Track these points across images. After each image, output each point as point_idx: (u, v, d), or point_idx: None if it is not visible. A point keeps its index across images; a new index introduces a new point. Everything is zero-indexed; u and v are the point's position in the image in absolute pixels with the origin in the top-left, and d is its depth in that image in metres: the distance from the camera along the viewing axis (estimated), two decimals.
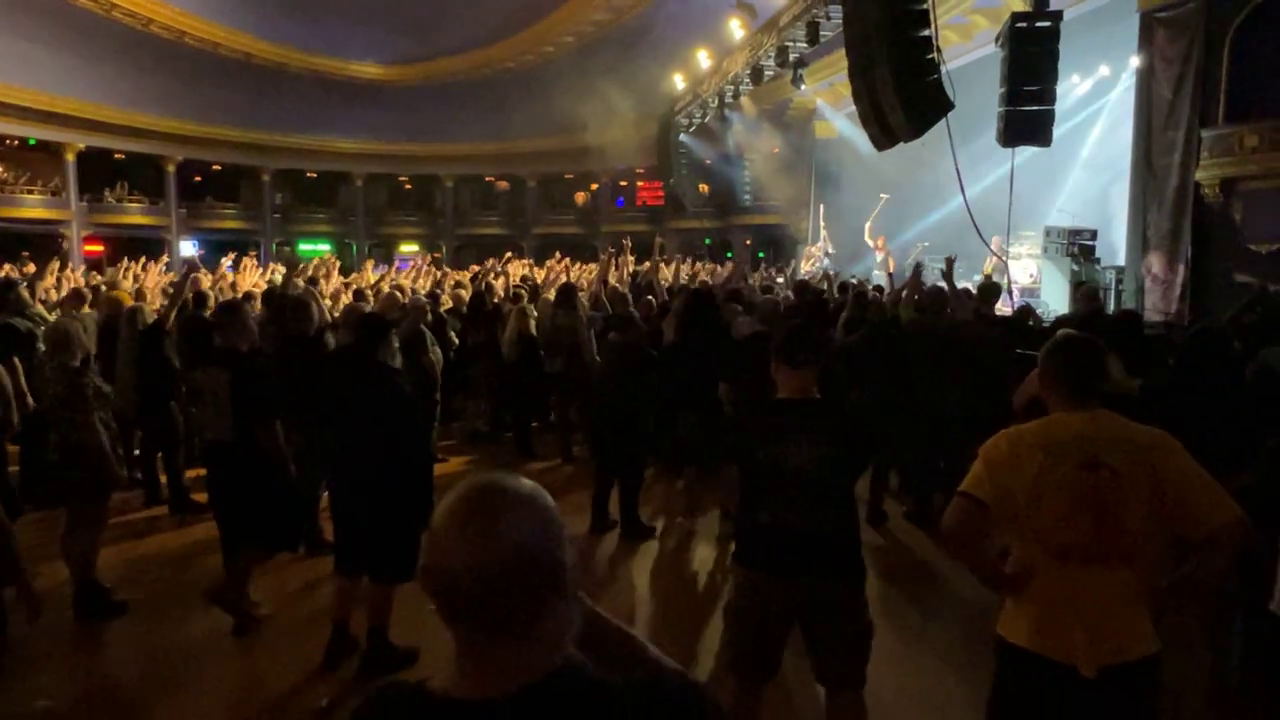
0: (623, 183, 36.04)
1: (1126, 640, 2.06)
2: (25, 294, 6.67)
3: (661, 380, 5.73)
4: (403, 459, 3.78)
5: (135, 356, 6.00)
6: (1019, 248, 15.80)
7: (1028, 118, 10.81)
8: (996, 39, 11.41)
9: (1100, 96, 17.35)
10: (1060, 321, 6.55)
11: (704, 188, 33.32)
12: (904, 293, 6.86)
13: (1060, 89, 16.84)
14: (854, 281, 11.27)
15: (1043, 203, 16.81)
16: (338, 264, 12.24)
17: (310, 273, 10.33)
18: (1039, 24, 10.70)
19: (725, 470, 2.90)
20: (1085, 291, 7.45)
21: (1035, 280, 15.07)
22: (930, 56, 9.81)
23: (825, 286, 10.32)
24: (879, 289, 10.11)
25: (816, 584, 2.62)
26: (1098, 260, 13.07)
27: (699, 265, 15.70)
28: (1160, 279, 11.61)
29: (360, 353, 4.07)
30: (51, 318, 6.61)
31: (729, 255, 29.23)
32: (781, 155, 24.43)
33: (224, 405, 4.11)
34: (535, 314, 8.42)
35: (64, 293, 8.21)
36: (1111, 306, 12.37)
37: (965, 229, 11.93)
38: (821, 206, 20.84)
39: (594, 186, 36.44)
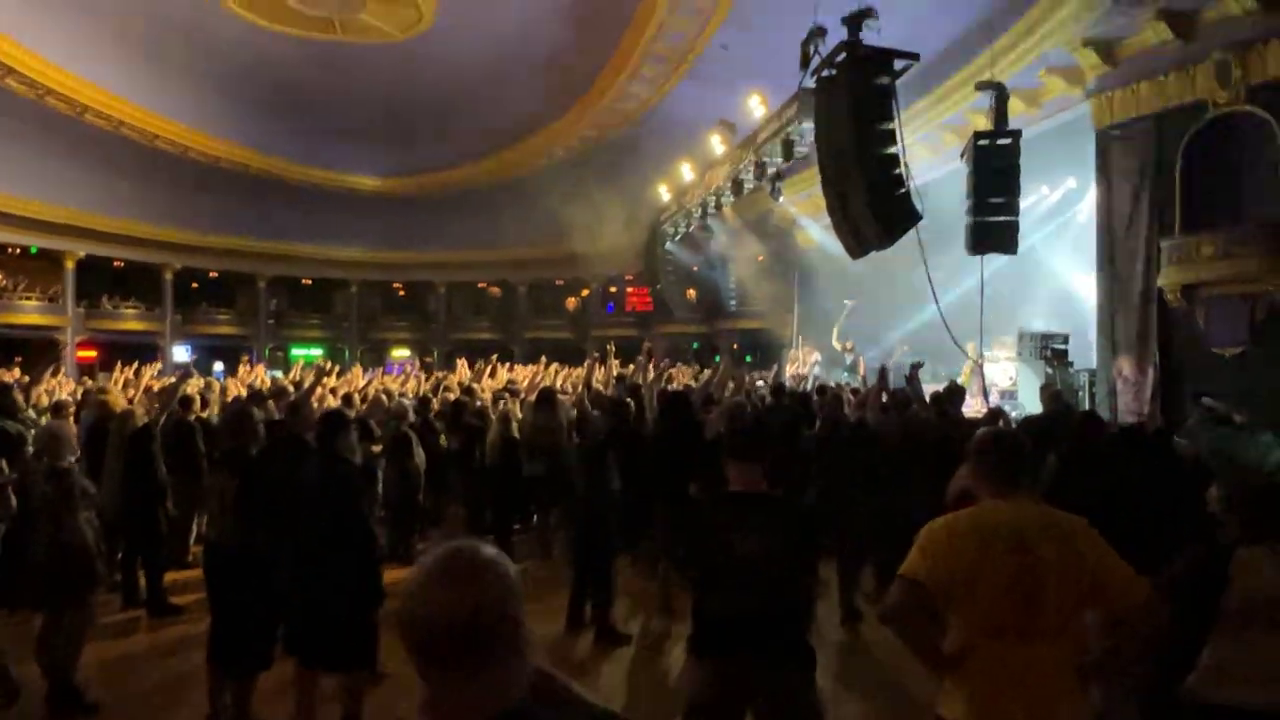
0: (612, 288, 36.83)
1: (1062, 716, 2.18)
2: (19, 398, 6.84)
3: (637, 474, 5.89)
4: (349, 543, 3.92)
5: (123, 460, 6.12)
6: (998, 351, 16.17)
7: (993, 228, 11.32)
8: (962, 154, 12.06)
9: (1071, 205, 18.07)
10: (1026, 422, 6.75)
11: (691, 293, 34.10)
12: (870, 395, 7.09)
13: (1032, 199, 17.82)
14: (833, 385, 11.52)
15: (1025, 306, 17.33)
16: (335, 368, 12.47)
17: (296, 377, 10.54)
18: (1000, 141, 11.35)
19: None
20: (1049, 394, 7.70)
21: (1014, 383, 15.38)
22: (897, 171, 10.31)
23: (805, 389, 10.56)
24: (855, 391, 10.36)
25: (767, 671, 2.72)
26: (1071, 363, 13.42)
27: (677, 368, 15.95)
28: (1131, 381, 11.89)
29: (318, 445, 4.26)
30: (42, 422, 6.76)
31: (716, 359, 29.63)
32: (765, 262, 25.14)
33: (229, 508, 4.23)
34: (518, 417, 8.59)
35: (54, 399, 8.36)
36: (1086, 408, 12.65)
37: (945, 332, 12.31)
38: (796, 310, 21.40)
39: (584, 292, 37.19)
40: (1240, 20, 10.46)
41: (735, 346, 31.84)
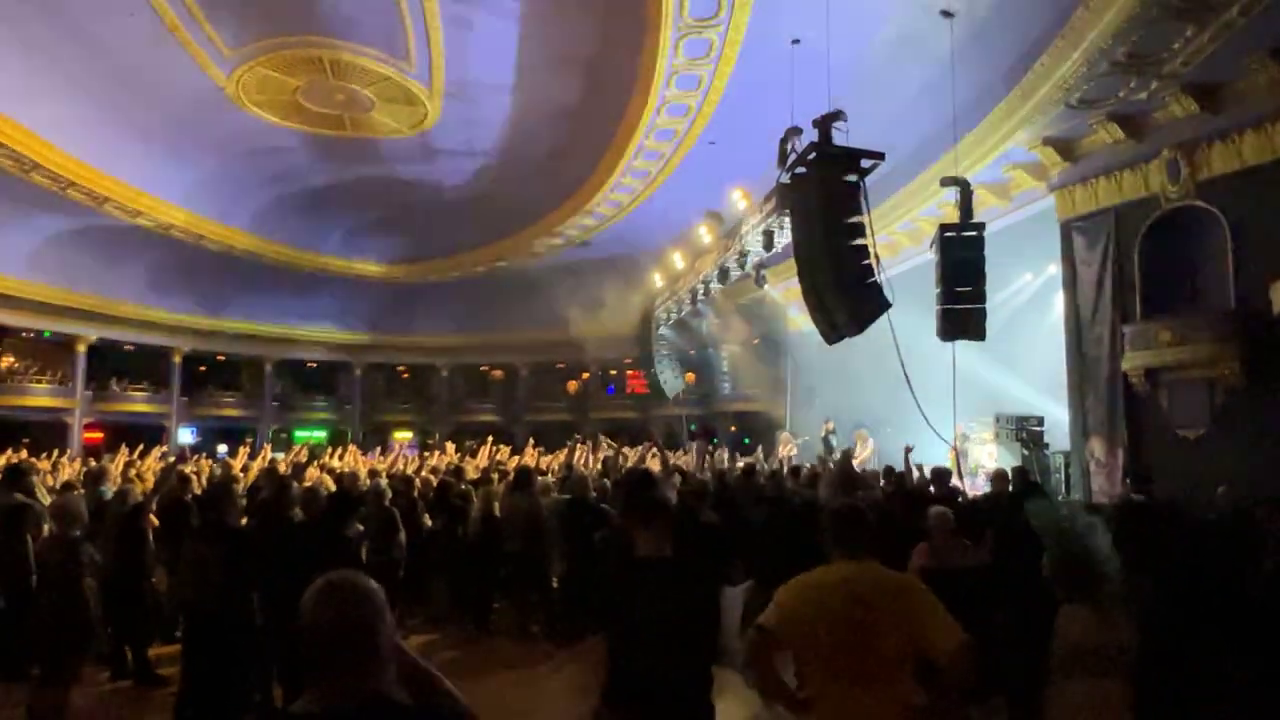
0: (612, 371, 37.39)
1: None
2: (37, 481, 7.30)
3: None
4: None
5: (116, 533, 6.52)
6: (983, 432, 16.54)
7: (962, 315, 11.83)
8: (930, 245, 12.66)
9: (1054, 290, 18.61)
10: (973, 502, 7.11)
11: (690, 377, 34.64)
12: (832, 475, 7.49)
13: (1017, 285, 18.42)
14: (805, 466, 11.90)
15: (1013, 388, 17.70)
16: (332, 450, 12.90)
17: (296, 458, 10.97)
18: (965, 233, 11.97)
19: None
20: (995, 474, 8.08)
21: (996, 462, 15.67)
22: (867, 262, 10.89)
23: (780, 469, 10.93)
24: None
25: (670, 715, 3.05)
26: (1046, 445, 13.75)
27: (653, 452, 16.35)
28: (1102, 463, 12.23)
29: (328, 525, 4.66)
30: (47, 500, 7.18)
31: (714, 440, 29.97)
32: (758, 346, 25.77)
33: (212, 576, 4.61)
34: (499, 496, 8.97)
35: (60, 479, 8.81)
36: (1063, 491, 12.96)
37: (936, 413, 12.70)
38: (789, 392, 21.86)
39: (584, 375, 37.73)
40: (1185, 121, 11.19)
41: (733, 429, 32.20)
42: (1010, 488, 7.92)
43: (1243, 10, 8.90)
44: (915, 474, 9.22)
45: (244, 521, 6.15)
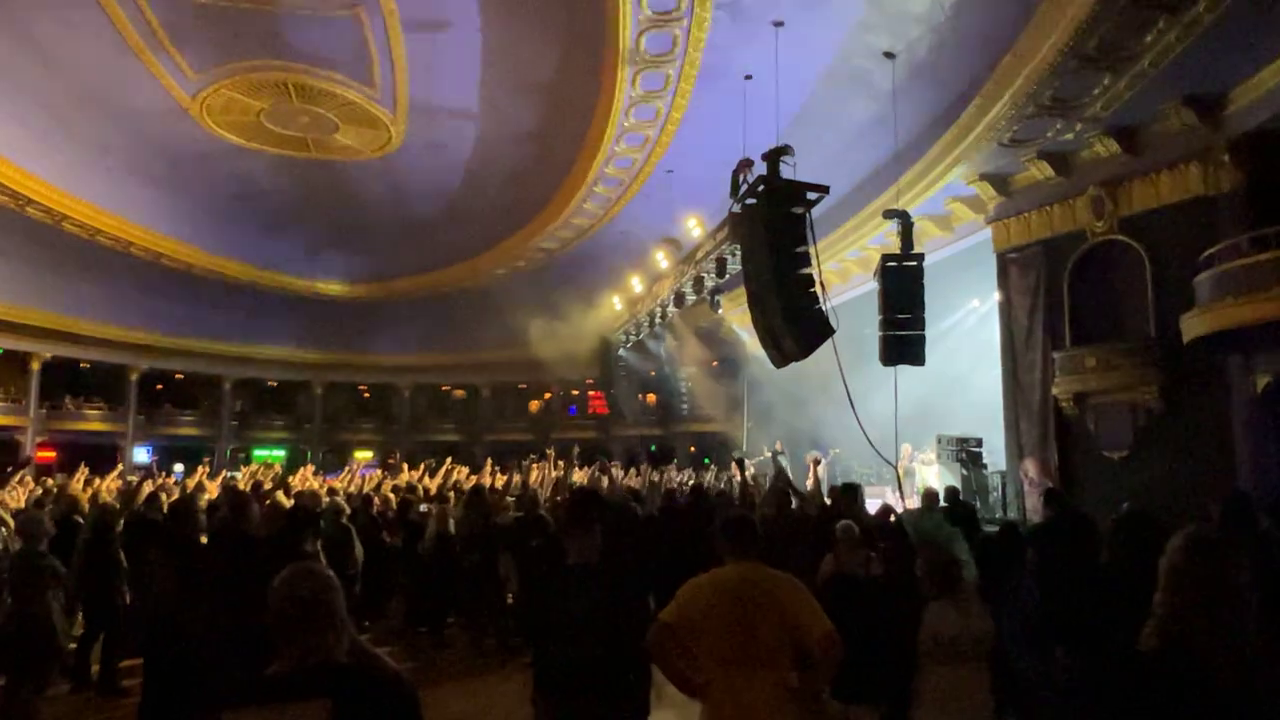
0: (574, 391, 37.71)
1: None
2: None
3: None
4: None
5: (86, 546, 6.73)
6: (930, 454, 17.12)
7: (902, 341, 12.40)
8: (874, 274, 13.26)
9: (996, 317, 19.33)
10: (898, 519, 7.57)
11: (651, 398, 35.16)
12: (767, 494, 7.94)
13: (963, 310, 19.11)
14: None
15: (958, 412, 18.32)
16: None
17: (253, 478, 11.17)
18: (905, 263, 12.56)
19: None
20: (926, 493, 8.57)
21: (940, 482, 16.25)
22: (812, 290, 11.40)
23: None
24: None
25: (593, 705, 3.43)
26: (985, 465, 14.35)
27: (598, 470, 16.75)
28: (1036, 482, 12.80)
29: (285, 540, 4.97)
30: (8, 518, 7.36)
31: (674, 460, 30.44)
32: (717, 368, 26.33)
33: (172, 588, 4.90)
34: (454, 514, 9.26)
35: (22, 497, 8.97)
36: (1000, 510, 13.53)
37: (880, 436, 13.25)
38: (746, 413, 22.39)
39: (546, 395, 38.04)
40: (1108, 161, 11.93)
41: (691, 449, 32.68)
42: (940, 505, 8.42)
43: (1153, 62, 9.61)
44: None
45: (203, 539, 6.40)
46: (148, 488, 8.77)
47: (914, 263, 12.46)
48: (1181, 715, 1.84)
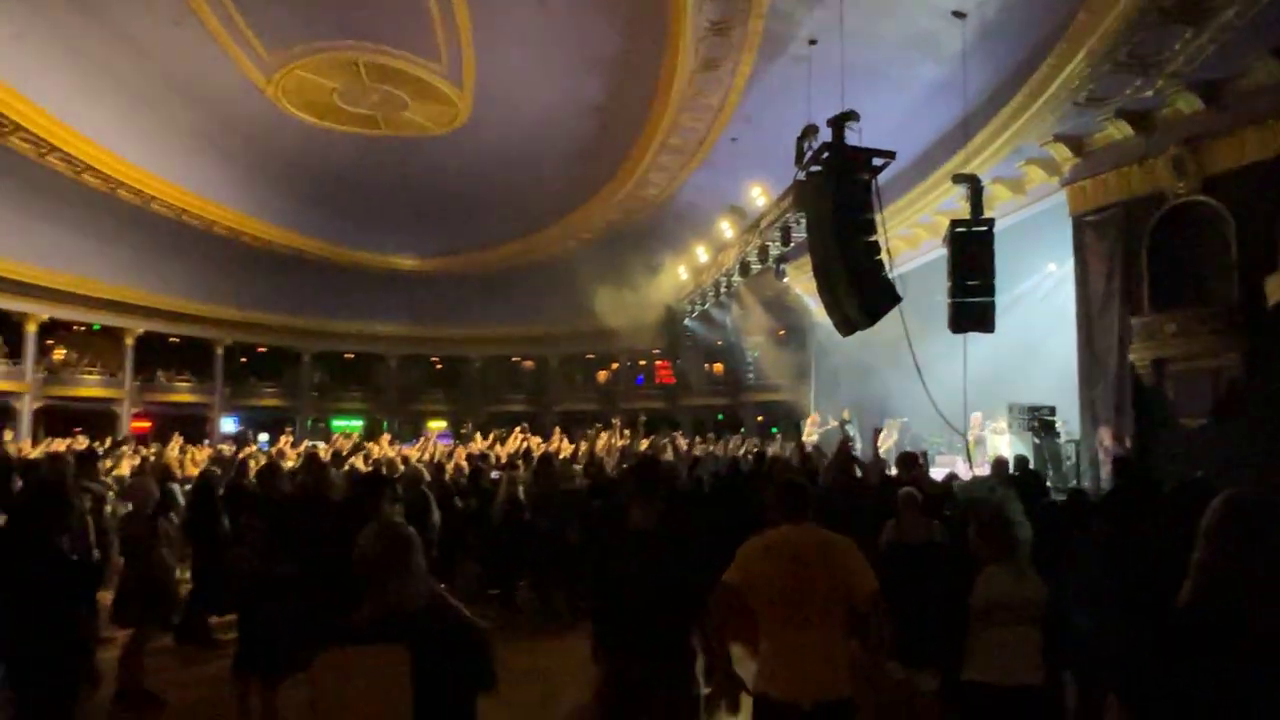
0: (642, 362, 37.96)
1: (829, 683, 3.06)
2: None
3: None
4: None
5: (190, 510, 7.22)
6: (1002, 422, 16.82)
7: (971, 308, 12.20)
8: (942, 240, 13.03)
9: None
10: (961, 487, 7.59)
11: (718, 368, 35.21)
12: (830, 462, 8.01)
13: (1038, 275, 18.60)
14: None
15: (1033, 379, 17.92)
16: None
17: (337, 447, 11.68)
18: (974, 228, 12.32)
19: None
20: (996, 461, 8.51)
21: (1010, 451, 15.96)
22: (878, 257, 11.30)
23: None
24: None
25: (651, 661, 3.60)
26: (1058, 434, 14.05)
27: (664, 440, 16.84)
28: (1110, 451, 12.52)
29: (362, 504, 5.26)
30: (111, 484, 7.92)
31: (742, 430, 30.51)
32: (783, 336, 26.22)
33: (262, 547, 5.26)
34: (524, 481, 9.55)
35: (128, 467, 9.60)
36: (1074, 479, 13.26)
37: (950, 405, 13.13)
38: (814, 382, 22.32)
39: (614, 366, 38.40)
40: (1190, 118, 11.44)
41: (759, 419, 32.67)
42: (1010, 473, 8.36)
43: (1239, 13, 9.19)
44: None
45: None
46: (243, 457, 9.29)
47: (983, 228, 12.23)
48: (1215, 668, 1.90)
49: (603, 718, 3.75)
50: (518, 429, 17.51)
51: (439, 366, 40.51)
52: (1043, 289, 18.70)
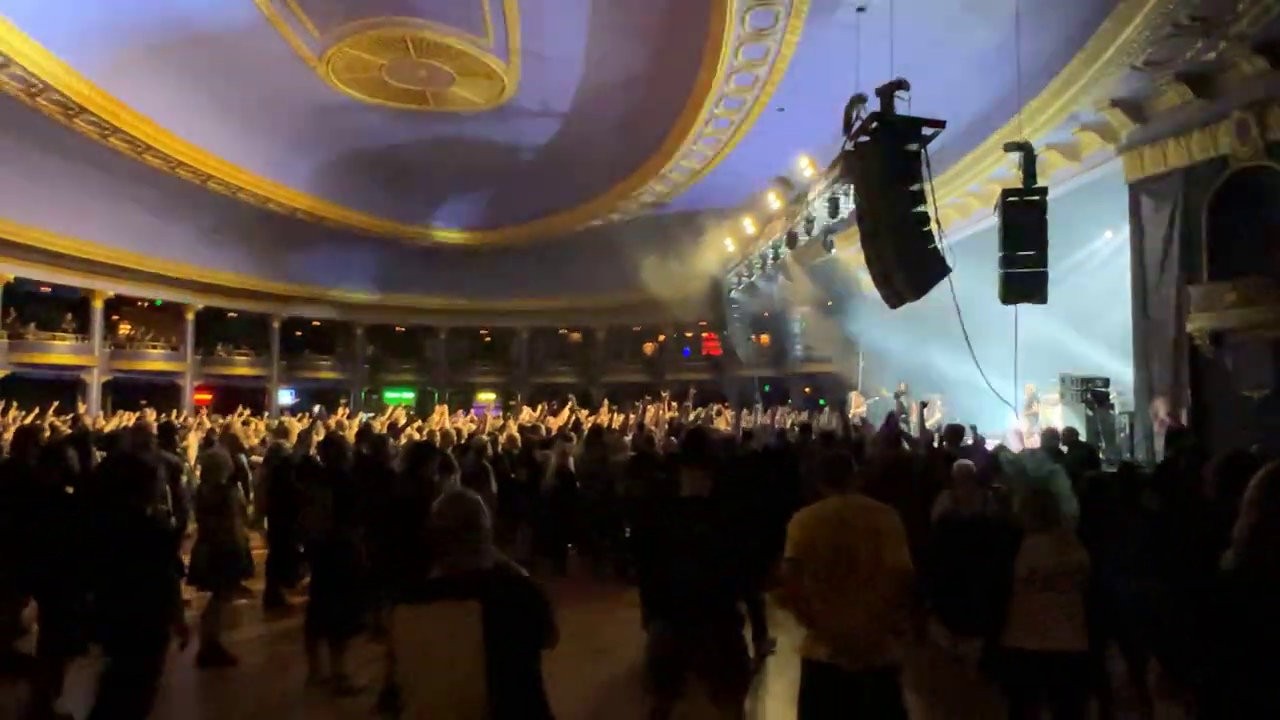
0: (688, 334, 38.02)
1: (875, 648, 3.18)
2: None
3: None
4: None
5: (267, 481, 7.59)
6: (1054, 394, 16.62)
7: (1023, 279, 12.02)
8: (994, 209, 12.84)
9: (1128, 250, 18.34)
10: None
11: (765, 339, 35.11)
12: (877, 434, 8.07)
13: (1096, 243, 18.20)
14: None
15: (1083, 349, 17.61)
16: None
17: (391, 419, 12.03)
18: (1027, 197, 12.11)
19: None
20: (1046, 432, 8.48)
21: (1063, 423, 15.78)
22: (927, 229, 11.20)
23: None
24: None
25: (699, 625, 3.75)
26: (1112, 406, 13.86)
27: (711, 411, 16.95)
28: (1166, 423, 12.33)
29: (415, 473, 5.50)
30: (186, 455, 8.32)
31: (789, 401, 30.50)
32: (831, 307, 26.05)
33: (326, 510, 5.54)
34: (575, 453, 9.77)
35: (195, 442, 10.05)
36: (1128, 451, 13.11)
37: (1002, 376, 13.01)
38: (861, 353, 22.22)
39: (661, 338, 38.51)
40: (1255, 80, 11.09)
41: (806, 390, 32.59)
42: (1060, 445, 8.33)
43: None
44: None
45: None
46: (319, 431, 9.67)
47: (1036, 197, 12.01)
48: (1256, 632, 1.99)
49: (653, 678, 3.91)
50: (570, 400, 17.77)
51: (487, 339, 41.04)
52: (1099, 257, 18.31)
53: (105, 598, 4.01)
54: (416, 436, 10.98)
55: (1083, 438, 13.31)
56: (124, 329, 31.89)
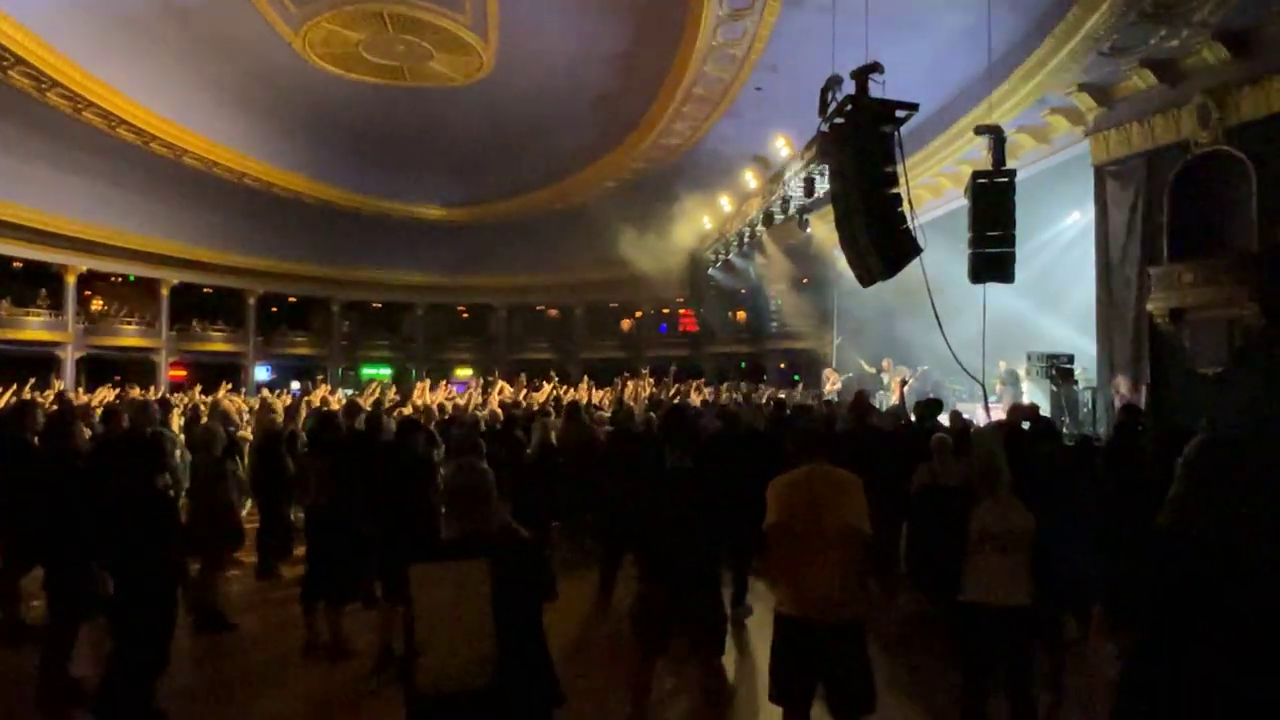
0: (665, 310, 38.29)
1: (840, 604, 3.49)
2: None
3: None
4: (415, 511, 5.41)
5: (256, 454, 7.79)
6: (1021, 370, 17.09)
7: (991, 258, 12.37)
8: (964, 190, 13.16)
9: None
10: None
11: (741, 315, 35.50)
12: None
13: (1062, 224, 18.65)
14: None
15: (1051, 327, 18.09)
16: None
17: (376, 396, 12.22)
18: (996, 179, 12.44)
19: None
20: (1010, 407, 8.84)
21: (1028, 398, 16.26)
22: (900, 209, 11.49)
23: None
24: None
25: (683, 586, 4.05)
26: (1076, 381, 14.32)
27: (690, 385, 17.22)
28: (1127, 399, 12.78)
29: (405, 445, 5.76)
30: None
31: (764, 378, 30.91)
32: (808, 284, 26.42)
33: (323, 480, 5.78)
34: (555, 428, 10.01)
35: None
36: (1090, 426, 13.57)
37: (971, 352, 13.36)
38: (836, 330, 22.61)
39: (638, 314, 38.75)
40: (1216, 67, 11.45)
41: (781, 365, 33.02)
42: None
43: None
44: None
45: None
46: (305, 406, 9.85)
47: (1005, 179, 12.33)
48: (1182, 579, 2.31)
49: (638, 638, 4.21)
50: (553, 377, 18.01)
51: (465, 315, 41.08)
52: (1066, 237, 18.78)
53: (119, 565, 4.23)
54: (409, 412, 11.19)
55: (1046, 412, 13.88)
56: (97, 305, 31.65)
